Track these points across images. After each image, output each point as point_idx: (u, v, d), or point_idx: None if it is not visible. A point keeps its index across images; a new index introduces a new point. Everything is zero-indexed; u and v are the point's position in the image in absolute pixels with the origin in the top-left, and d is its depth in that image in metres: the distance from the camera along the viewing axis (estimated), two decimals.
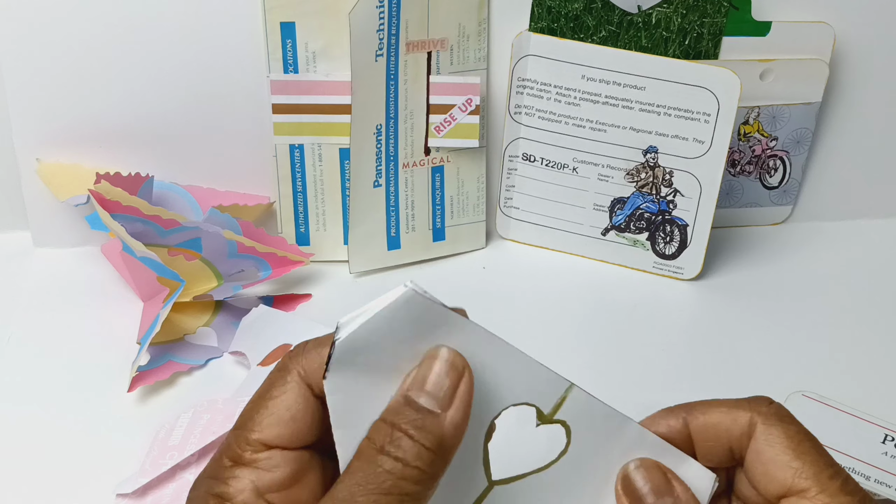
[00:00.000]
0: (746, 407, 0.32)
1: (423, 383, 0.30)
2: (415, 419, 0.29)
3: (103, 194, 0.53)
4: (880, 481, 0.48)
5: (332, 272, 0.61)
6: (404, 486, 0.28)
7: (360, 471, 0.28)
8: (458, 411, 0.29)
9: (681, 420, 0.33)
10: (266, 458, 0.31)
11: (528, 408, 0.32)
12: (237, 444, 0.31)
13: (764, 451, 0.31)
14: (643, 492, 0.32)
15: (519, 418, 0.32)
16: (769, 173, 0.64)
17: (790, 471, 0.31)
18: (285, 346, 0.50)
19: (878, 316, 0.59)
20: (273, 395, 0.31)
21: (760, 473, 0.31)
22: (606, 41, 0.58)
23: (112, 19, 0.56)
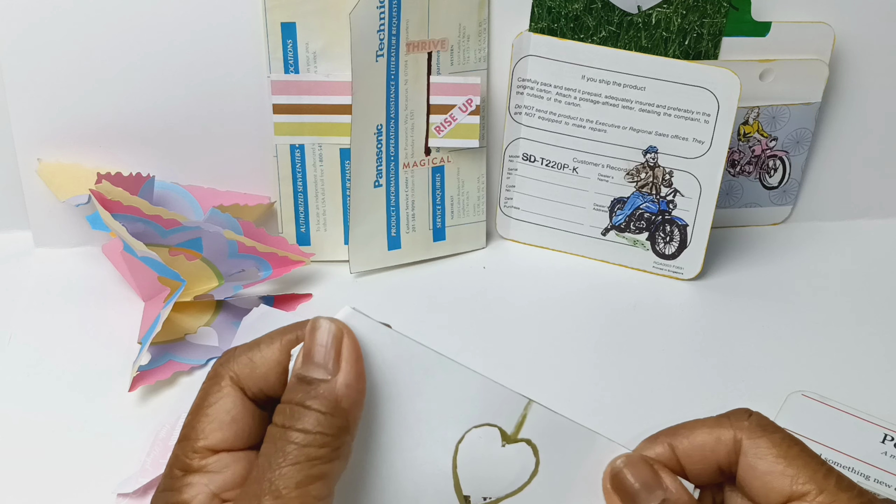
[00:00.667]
0: (727, 424, 0.33)
1: (309, 357, 0.31)
2: (308, 391, 0.30)
3: (104, 194, 0.53)
4: (880, 481, 0.48)
5: (333, 272, 0.61)
6: (311, 452, 0.29)
7: (270, 452, 0.30)
8: (348, 372, 0.31)
9: (666, 446, 0.33)
10: (215, 461, 0.31)
11: (490, 429, 0.32)
12: (184, 455, 0.32)
13: (756, 464, 0.32)
14: (635, 488, 0.32)
15: (484, 440, 0.33)
16: (769, 173, 0.64)
17: (787, 479, 0.31)
18: None
19: (878, 316, 0.59)
20: (210, 402, 0.32)
21: (758, 487, 0.32)
22: (606, 41, 0.58)
23: (112, 19, 0.56)
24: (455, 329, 0.57)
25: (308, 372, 0.31)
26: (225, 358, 0.33)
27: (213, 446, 0.32)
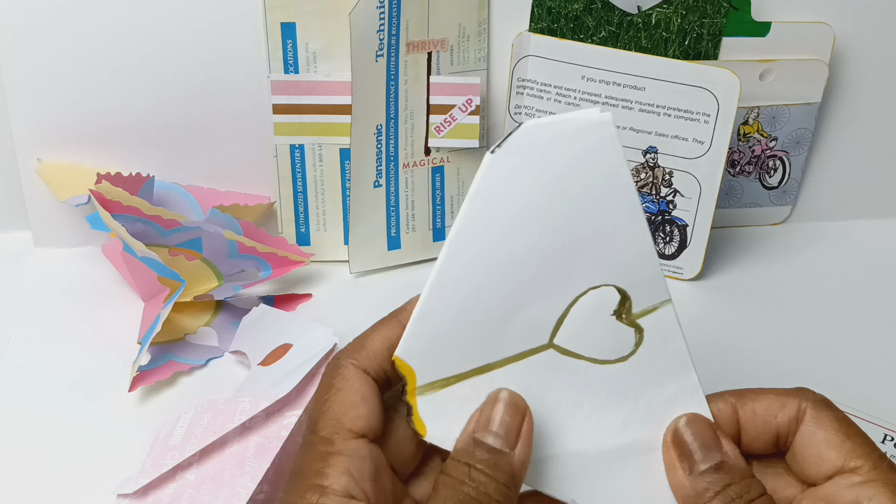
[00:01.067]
0: (795, 395, 0.34)
1: (488, 424, 0.32)
2: (486, 458, 0.31)
3: (104, 194, 0.53)
4: None
5: (333, 272, 0.61)
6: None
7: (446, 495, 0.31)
8: (524, 450, 0.32)
9: (730, 405, 0.34)
10: (355, 448, 0.32)
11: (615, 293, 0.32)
12: (328, 433, 0.32)
13: (815, 433, 0.33)
14: (692, 446, 0.33)
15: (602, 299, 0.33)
16: (769, 173, 0.64)
17: (843, 451, 0.33)
18: (285, 345, 0.50)
19: (878, 316, 0.59)
20: (337, 386, 0.33)
21: (812, 456, 0.33)
22: (606, 42, 0.58)
23: (112, 19, 0.56)
24: None
25: (487, 439, 0.32)
26: (344, 350, 0.34)
27: (351, 426, 0.32)
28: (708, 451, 0.32)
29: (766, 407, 0.34)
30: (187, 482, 0.43)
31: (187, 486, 0.43)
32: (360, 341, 0.34)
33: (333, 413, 0.32)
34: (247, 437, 0.44)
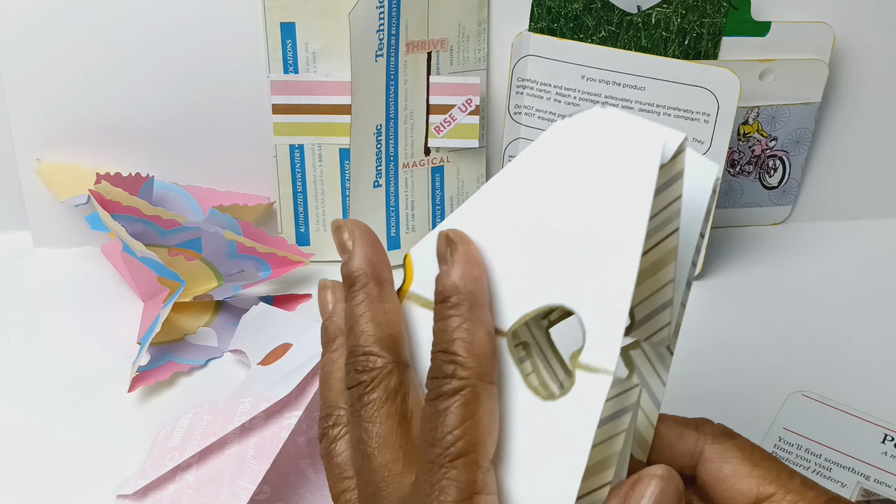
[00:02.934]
0: (693, 426, 0.33)
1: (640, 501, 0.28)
2: None
3: (103, 194, 0.53)
4: (880, 481, 0.48)
5: (333, 272, 0.61)
6: None
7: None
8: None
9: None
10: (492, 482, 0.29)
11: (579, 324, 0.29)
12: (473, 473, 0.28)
13: (722, 467, 0.32)
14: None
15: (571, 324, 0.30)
16: (769, 173, 0.64)
17: (753, 480, 0.31)
18: (285, 345, 0.50)
19: (878, 316, 0.59)
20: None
21: (724, 490, 0.32)
22: (606, 41, 0.58)
23: (112, 19, 0.56)
24: None
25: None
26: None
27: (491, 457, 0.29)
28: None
29: (661, 434, 0.32)
30: (187, 483, 0.43)
31: (187, 487, 0.43)
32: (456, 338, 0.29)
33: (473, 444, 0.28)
34: (246, 437, 0.44)
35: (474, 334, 0.29)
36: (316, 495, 0.45)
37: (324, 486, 0.46)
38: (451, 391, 0.28)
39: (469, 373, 0.28)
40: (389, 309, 0.32)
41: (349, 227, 0.33)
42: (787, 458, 0.49)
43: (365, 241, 0.33)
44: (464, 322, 0.29)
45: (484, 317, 0.29)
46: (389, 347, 0.31)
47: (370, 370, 0.31)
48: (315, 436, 0.48)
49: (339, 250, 0.33)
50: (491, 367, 0.29)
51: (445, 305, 0.29)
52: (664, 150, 0.27)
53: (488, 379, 0.29)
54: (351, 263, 0.33)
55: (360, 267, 0.32)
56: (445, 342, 0.29)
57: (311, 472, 0.47)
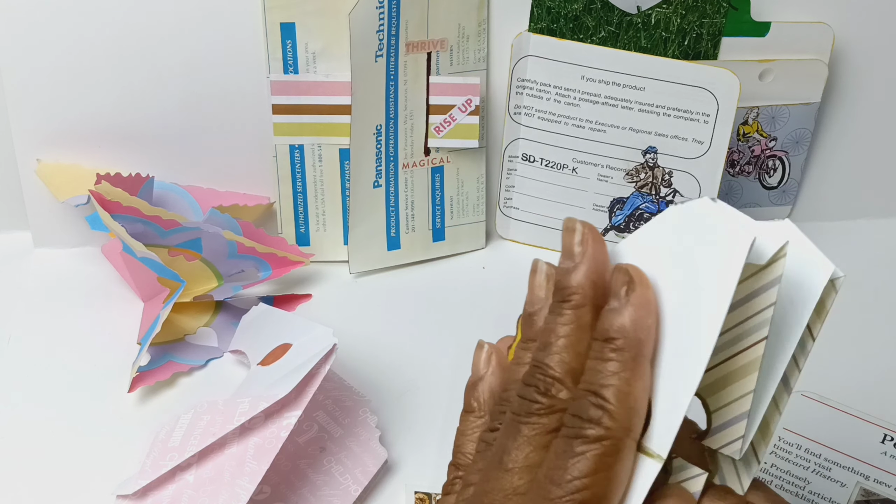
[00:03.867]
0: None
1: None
2: None
3: (104, 195, 0.53)
4: (880, 481, 0.48)
5: (333, 272, 0.61)
6: None
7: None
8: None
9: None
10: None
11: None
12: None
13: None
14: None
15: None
16: (768, 173, 0.64)
17: None
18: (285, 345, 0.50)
19: (878, 316, 0.59)
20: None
21: None
22: (606, 42, 0.58)
23: (112, 19, 0.56)
24: (455, 329, 0.57)
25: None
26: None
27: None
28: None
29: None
30: (186, 483, 0.43)
31: (186, 487, 0.43)
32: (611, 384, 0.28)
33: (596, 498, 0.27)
34: (246, 438, 0.44)
35: (632, 386, 0.27)
36: (316, 495, 0.46)
37: (323, 486, 0.46)
38: (593, 437, 0.27)
39: (616, 425, 0.27)
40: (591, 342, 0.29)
41: (585, 232, 0.29)
42: (787, 458, 0.49)
43: (597, 257, 0.29)
44: (624, 370, 0.27)
45: (645, 371, 0.28)
46: (577, 384, 0.29)
47: (552, 397, 0.29)
48: (314, 436, 0.48)
49: (564, 254, 0.30)
50: (639, 426, 0.28)
51: (608, 346, 0.28)
52: (759, 251, 0.27)
53: (633, 437, 0.27)
54: (572, 276, 0.29)
55: (583, 284, 0.29)
56: (599, 384, 0.27)
57: (311, 472, 0.47)
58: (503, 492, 0.28)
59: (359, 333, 0.55)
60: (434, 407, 0.51)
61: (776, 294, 0.28)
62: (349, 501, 0.45)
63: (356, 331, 0.55)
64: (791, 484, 0.48)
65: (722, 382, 0.30)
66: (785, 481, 0.48)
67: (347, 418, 0.49)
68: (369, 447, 0.48)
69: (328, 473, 0.46)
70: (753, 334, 0.29)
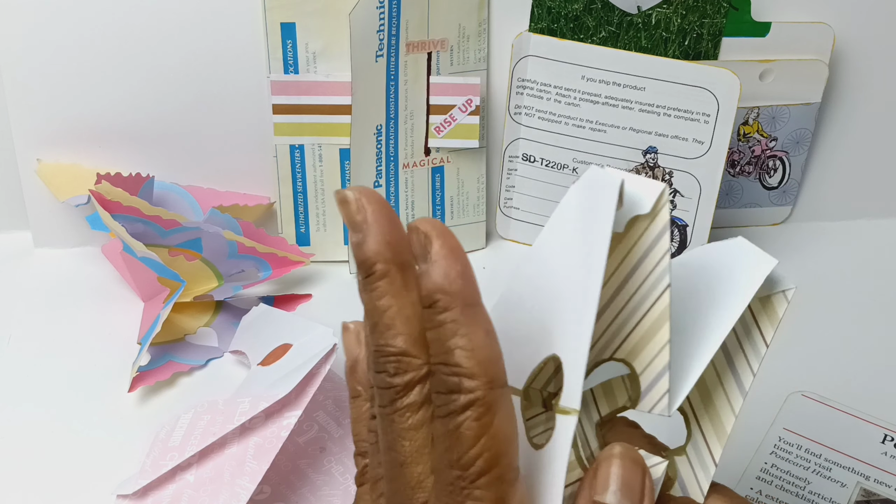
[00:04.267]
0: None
1: (606, 485, 0.28)
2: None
3: (104, 194, 0.53)
4: (880, 481, 0.48)
5: (333, 272, 0.61)
6: None
7: None
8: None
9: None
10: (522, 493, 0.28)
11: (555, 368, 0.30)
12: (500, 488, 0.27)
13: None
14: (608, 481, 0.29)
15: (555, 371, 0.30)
16: (769, 174, 0.64)
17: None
18: (285, 345, 0.50)
19: (878, 316, 0.59)
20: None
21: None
22: (606, 42, 0.58)
23: (112, 19, 0.56)
24: None
25: (609, 500, 0.28)
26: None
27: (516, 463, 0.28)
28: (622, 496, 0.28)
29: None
30: (187, 483, 0.43)
31: (187, 487, 0.43)
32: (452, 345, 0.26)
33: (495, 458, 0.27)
34: (246, 437, 0.44)
35: (473, 339, 0.26)
36: (316, 495, 0.46)
37: (323, 486, 0.46)
38: (462, 405, 0.26)
39: (476, 383, 0.26)
40: (416, 300, 0.28)
41: (359, 198, 0.28)
42: (787, 458, 0.49)
43: (381, 218, 0.27)
44: (458, 326, 0.26)
45: (478, 315, 0.26)
46: (423, 346, 0.27)
47: (404, 373, 0.27)
48: (314, 436, 0.48)
49: (350, 228, 0.28)
50: (498, 370, 0.26)
51: (434, 311, 0.26)
52: (641, 202, 0.28)
53: (498, 384, 0.26)
54: (365, 247, 0.27)
55: (378, 251, 0.27)
56: (443, 353, 0.26)
57: (311, 471, 0.47)
58: (408, 487, 0.27)
59: None
60: None
61: (667, 240, 0.28)
62: (349, 501, 0.45)
63: None
64: (791, 484, 0.48)
65: (641, 343, 0.30)
66: (785, 481, 0.48)
67: (347, 418, 0.49)
68: None
69: (328, 473, 0.46)
70: (658, 286, 0.29)
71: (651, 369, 0.30)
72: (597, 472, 0.28)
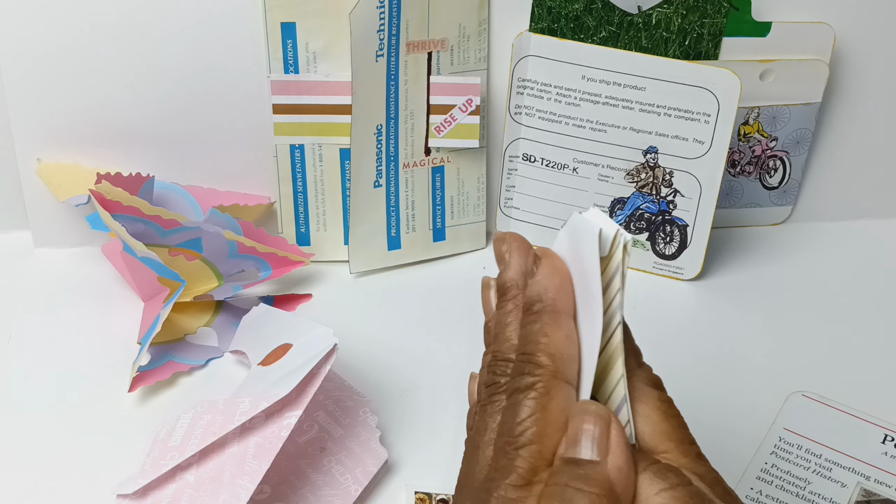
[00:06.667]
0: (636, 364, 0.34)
1: (574, 441, 0.30)
2: (578, 473, 0.29)
3: (104, 194, 0.53)
4: (880, 481, 0.48)
5: (333, 272, 0.61)
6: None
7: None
8: (618, 457, 0.30)
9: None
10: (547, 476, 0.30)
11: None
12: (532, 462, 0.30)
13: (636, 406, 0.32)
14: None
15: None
16: (769, 173, 0.64)
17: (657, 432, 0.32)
18: (285, 345, 0.50)
19: (878, 316, 0.59)
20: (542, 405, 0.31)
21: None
22: (607, 42, 0.58)
23: (112, 19, 0.56)
24: (455, 329, 0.57)
25: (575, 454, 0.30)
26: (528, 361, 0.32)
27: (555, 450, 0.30)
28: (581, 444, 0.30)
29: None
30: (187, 483, 0.43)
31: (187, 487, 0.43)
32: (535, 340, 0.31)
33: (550, 433, 0.30)
34: (246, 437, 0.44)
35: (551, 336, 0.31)
36: (316, 495, 0.46)
37: (324, 486, 0.46)
38: (524, 386, 0.31)
39: (542, 371, 0.31)
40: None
41: (509, 240, 0.35)
42: (787, 458, 0.49)
43: (521, 254, 0.34)
44: (543, 326, 0.31)
45: (564, 322, 0.32)
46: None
47: (507, 375, 0.32)
48: (315, 436, 0.48)
49: (497, 261, 0.35)
50: (566, 367, 0.31)
51: (529, 314, 0.32)
52: (605, 246, 0.31)
53: (563, 378, 0.31)
54: (505, 274, 0.34)
55: (514, 278, 0.34)
56: (526, 346, 0.31)
57: (312, 472, 0.47)
58: (479, 466, 0.32)
59: (359, 333, 0.55)
60: (434, 407, 0.51)
61: (619, 281, 0.31)
62: (349, 501, 0.45)
63: (356, 331, 0.55)
64: (791, 484, 0.48)
65: (601, 375, 0.32)
66: (785, 481, 0.48)
67: (348, 418, 0.49)
68: (369, 447, 0.48)
69: (328, 473, 0.46)
70: (613, 321, 0.32)
71: (610, 403, 0.32)
72: (567, 432, 0.31)
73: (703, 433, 0.50)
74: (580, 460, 0.29)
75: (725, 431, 0.50)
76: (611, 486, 0.29)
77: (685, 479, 0.30)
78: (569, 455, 0.30)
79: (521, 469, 0.30)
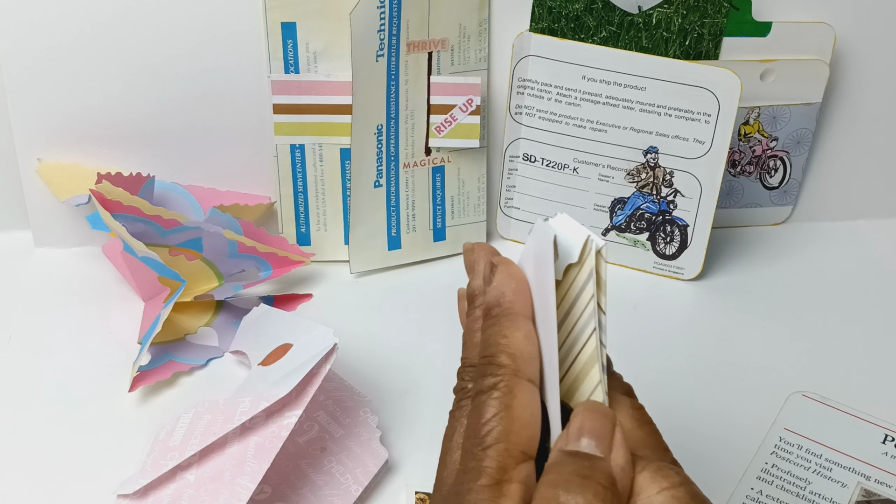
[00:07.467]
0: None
1: (579, 436, 0.30)
2: (583, 465, 0.29)
3: (104, 194, 0.53)
4: (880, 481, 0.48)
5: (333, 272, 0.61)
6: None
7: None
8: (621, 455, 0.30)
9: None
10: (527, 474, 0.30)
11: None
12: (500, 461, 0.30)
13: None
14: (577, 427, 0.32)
15: None
16: (769, 173, 0.64)
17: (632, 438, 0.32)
18: (286, 345, 0.50)
19: (878, 316, 0.59)
20: (506, 403, 0.31)
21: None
22: (607, 42, 0.58)
23: (113, 19, 0.56)
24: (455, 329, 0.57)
25: (579, 449, 0.30)
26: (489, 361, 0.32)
27: (526, 449, 0.30)
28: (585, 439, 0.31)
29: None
30: (187, 482, 0.43)
31: (187, 487, 0.43)
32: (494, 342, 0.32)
33: (516, 430, 0.30)
34: (247, 437, 0.44)
35: (510, 337, 0.32)
36: (317, 495, 0.46)
37: (324, 486, 0.46)
38: (487, 387, 0.31)
39: (504, 370, 0.31)
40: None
41: (477, 249, 0.36)
42: (787, 458, 0.49)
43: (487, 263, 0.35)
44: (502, 329, 0.32)
45: (522, 323, 0.32)
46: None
47: (472, 379, 0.33)
48: (315, 436, 0.48)
49: (467, 271, 0.36)
50: (527, 366, 0.31)
51: (488, 319, 0.33)
52: (572, 252, 0.32)
53: (524, 376, 0.31)
54: (472, 283, 0.35)
55: (480, 286, 0.35)
56: (487, 348, 0.32)
57: (312, 471, 0.47)
58: (449, 468, 0.32)
59: (359, 333, 0.55)
60: (435, 407, 0.51)
61: (593, 286, 0.31)
62: (350, 501, 0.45)
63: (357, 331, 0.55)
64: (792, 484, 0.48)
65: (575, 384, 0.32)
66: (786, 481, 0.48)
67: (348, 418, 0.49)
68: (370, 447, 0.48)
69: (329, 473, 0.46)
70: (585, 330, 0.32)
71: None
72: (568, 426, 0.31)
73: (704, 433, 0.50)
74: (585, 454, 0.30)
75: (726, 431, 0.50)
76: (614, 482, 0.29)
77: (686, 479, 0.30)
78: (572, 448, 0.30)
79: (489, 469, 0.30)
